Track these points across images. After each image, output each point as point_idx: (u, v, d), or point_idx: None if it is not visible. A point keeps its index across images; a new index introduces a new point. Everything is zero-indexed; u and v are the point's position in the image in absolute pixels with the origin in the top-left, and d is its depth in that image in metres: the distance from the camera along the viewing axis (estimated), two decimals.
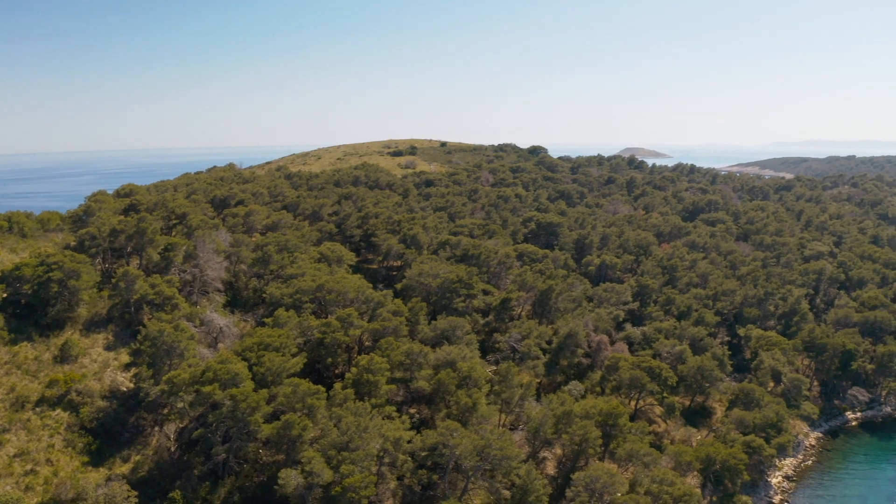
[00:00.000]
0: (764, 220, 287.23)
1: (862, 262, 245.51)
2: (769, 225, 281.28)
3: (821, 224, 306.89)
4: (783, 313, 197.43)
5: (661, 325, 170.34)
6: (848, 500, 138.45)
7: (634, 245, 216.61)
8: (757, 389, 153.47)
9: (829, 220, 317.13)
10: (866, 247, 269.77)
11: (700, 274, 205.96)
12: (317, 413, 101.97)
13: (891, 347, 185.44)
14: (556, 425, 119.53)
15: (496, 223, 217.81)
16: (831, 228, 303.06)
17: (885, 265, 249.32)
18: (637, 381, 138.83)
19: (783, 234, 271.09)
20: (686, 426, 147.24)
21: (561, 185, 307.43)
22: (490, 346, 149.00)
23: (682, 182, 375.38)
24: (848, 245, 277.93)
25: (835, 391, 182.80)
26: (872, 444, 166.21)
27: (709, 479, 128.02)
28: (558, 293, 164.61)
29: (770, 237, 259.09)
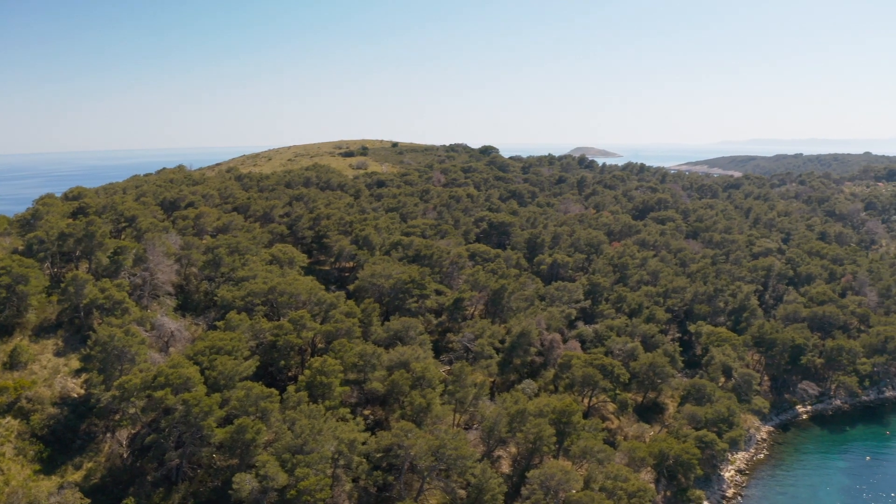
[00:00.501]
0: (713, 218, 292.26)
1: (810, 259, 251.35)
2: (718, 223, 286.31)
3: (769, 221, 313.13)
4: (733, 309, 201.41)
5: (613, 323, 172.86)
6: (800, 491, 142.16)
7: (586, 244, 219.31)
8: (708, 385, 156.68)
9: (778, 217, 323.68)
10: (814, 243, 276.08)
11: (651, 272, 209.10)
12: (270, 416, 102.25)
13: (839, 342, 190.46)
14: (510, 424, 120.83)
15: (448, 223, 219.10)
16: (779, 225, 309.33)
17: (833, 261, 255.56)
18: (590, 379, 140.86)
19: (732, 232, 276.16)
20: (639, 422, 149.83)
21: (512, 184, 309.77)
22: (443, 346, 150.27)
23: (632, 181, 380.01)
24: (796, 242, 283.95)
25: (785, 385, 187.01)
26: (823, 437, 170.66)
27: (662, 474, 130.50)
28: (511, 292, 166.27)
29: (719, 235, 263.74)
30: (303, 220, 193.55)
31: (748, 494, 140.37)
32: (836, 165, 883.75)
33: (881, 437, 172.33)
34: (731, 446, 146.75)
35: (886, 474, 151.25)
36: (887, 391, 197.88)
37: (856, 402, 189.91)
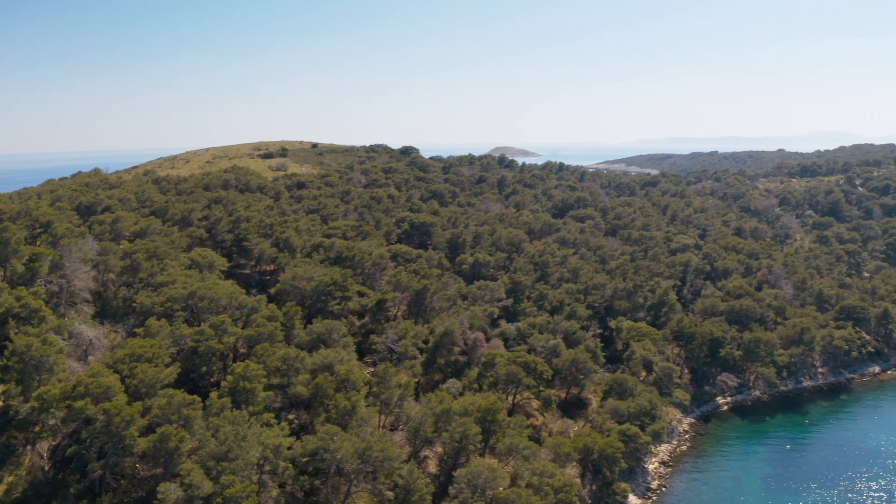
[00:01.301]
0: (631, 216, 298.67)
1: (726, 254, 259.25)
2: (636, 220, 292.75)
3: (686, 218, 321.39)
4: (652, 305, 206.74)
5: (535, 321, 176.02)
6: (723, 481, 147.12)
7: (507, 243, 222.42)
8: (630, 379, 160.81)
9: (694, 213, 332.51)
10: (730, 238, 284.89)
11: (571, 269, 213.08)
12: (193, 424, 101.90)
13: (757, 334, 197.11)
14: (435, 424, 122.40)
15: (369, 224, 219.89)
16: (696, 222, 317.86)
17: (749, 255, 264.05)
18: (513, 377, 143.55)
19: (650, 229, 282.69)
20: (563, 418, 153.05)
21: (433, 184, 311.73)
22: (367, 347, 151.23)
23: (551, 180, 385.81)
24: (712, 237, 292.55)
25: (705, 378, 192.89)
26: (743, 427, 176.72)
27: (588, 468, 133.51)
28: (433, 292, 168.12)
29: (637, 232, 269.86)
30: (222, 223, 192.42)
31: (672, 485, 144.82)
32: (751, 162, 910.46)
33: (800, 425, 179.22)
34: (654, 439, 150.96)
35: (806, 462, 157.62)
36: (805, 381, 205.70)
37: (774, 392, 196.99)
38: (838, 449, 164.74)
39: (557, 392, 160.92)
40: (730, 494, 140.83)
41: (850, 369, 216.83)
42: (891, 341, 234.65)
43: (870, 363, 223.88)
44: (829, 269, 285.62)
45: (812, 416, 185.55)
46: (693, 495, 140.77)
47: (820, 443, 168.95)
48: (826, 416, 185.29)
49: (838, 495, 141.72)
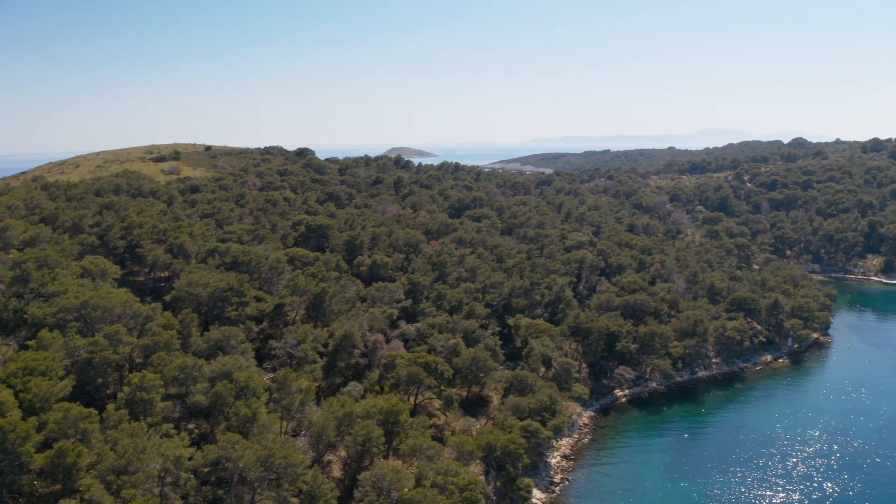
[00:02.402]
0: (527, 214, 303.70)
1: (620, 250, 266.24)
2: (532, 218, 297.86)
3: (580, 215, 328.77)
4: (549, 301, 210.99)
5: (435, 321, 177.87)
6: (624, 471, 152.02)
7: (404, 243, 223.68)
8: (529, 376, 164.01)
9: (588, 211, 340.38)
10: (623, 235, 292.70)
11: (469, 268, 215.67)
12: (91, 437, 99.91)
13: (651, 327, 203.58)
14: (338, 428, 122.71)
15: (266, 228, 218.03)
16: (590, 219, 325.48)
17: (642, 251, 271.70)
18: (414, 377, 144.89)
19: (545, 227, 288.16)
20: (465, 416, 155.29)
21: (329, 186, 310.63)
22: (266, 353, 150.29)
23: (447, 180, 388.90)
24: (606, 234, 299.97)
25: (603, 371, 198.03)
26: (642, 419, 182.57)
27: (491, 465, 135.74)
28: (332, 295, 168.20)
29: (533, 230, 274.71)
30: (114, 229, 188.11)
31: (575, 478, 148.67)
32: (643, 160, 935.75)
33: (697, 414, 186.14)
34: (555, 433, 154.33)
35: (704, 449, 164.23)
36: (699, 371, 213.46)
37: (671, 383, 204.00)
38: (734, 436, 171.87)
39: (459, 391, 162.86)
40: (631, 484, 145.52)
41: (743, 359, 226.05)
42: (781, 331, 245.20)
43: (762, 352, 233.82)
44: (720, 263, 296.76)
45: (708, 405, 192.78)
46: (595, 487, 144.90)
47: (716, 430, 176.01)
48: (721, 405, 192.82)
49: (736, 480, 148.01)
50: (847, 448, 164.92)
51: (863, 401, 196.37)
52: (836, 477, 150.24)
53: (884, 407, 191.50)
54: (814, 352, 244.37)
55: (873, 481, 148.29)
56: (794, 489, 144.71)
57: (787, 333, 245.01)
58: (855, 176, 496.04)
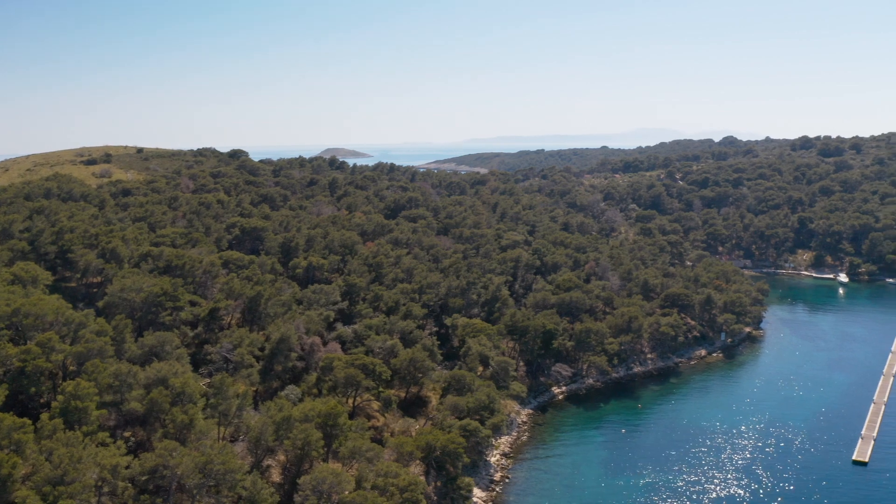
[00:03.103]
0: (462, 214, 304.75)
1: (555, 248, 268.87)
2: (468, 218, 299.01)
3: (515, 215, 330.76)
4: (486, 301, 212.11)
5: (372, 322, 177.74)
6: (563, 467, 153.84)
7: (340, 245, 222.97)
8: (467, 375, 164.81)
9: (523, 210, 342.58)
10: (558, 233, 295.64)
11: (405, 269, 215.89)
12: (25, 448, 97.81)
13: (587, 325, 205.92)
14: (276, 432, 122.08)
15: (199, 231, 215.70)
16: (525, 218, 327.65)
17: (576, 249, 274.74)
18: (352, 379, 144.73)
19: (481, 227, 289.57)
20: (404, 417, 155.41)
21: (263, 188, 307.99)
22: (202, 358, 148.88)
23: (383, 181, 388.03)
24: (541, 233, 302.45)
25: (540, 369, 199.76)
26: (579, 415, 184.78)
27: (431, 465, 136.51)
28: (267, 298, 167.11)
29: (469, 230, 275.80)
30: (45, 234, 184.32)
31: (514, 476, 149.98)
32: (576, 160, 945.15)
33: (633, 410, 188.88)
34: (494, 432, 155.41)
35: (641, 444, 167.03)
36: (635, 367, 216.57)
37: (607, 379, 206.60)
38: (671, 429, 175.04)
39: (397, 392, 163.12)
40: (570, 480, 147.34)
41: (678, 354, 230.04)
42: (714, 326, 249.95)
43: (696, 347, 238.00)
44: (654, 260, 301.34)
45: (644, 400, 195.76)
46: (535, 483, 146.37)
47: (653, 425, 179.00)
48: (657, 400, 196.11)
49: (673, 473, 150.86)
50: (781, 439, 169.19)
51: (795, 392, 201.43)
52: (772, 467, 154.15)
53: (816, 398, 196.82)
54: (747, 345, 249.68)
55: (807, 471, 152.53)
56: (731, 480, 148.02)
57: (720, 328, 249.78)
58: (785, 173, 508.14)
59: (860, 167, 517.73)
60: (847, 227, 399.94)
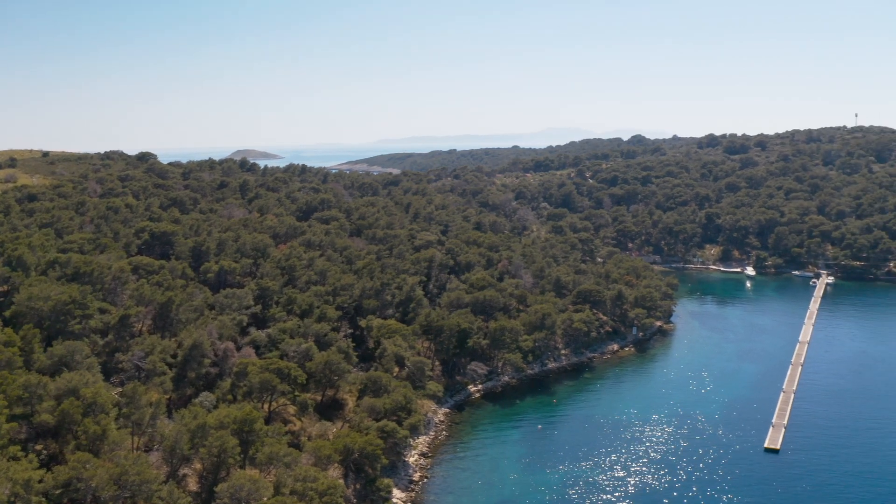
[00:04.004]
0: (375, 215, 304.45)
1: (468, 248, 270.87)
2: (380, 219, 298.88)
3: (428, 215, 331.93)
4: (400, 301, 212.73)
5: (286, 326, 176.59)
6: (481, 465, 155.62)
7: (252, 248, 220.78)
8: (384, 376, 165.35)
9: (436, 210, 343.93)
10: (471, 233, 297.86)
11: (318, 271, 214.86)
12: None
13: (501, 323, 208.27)
14: (192, 440, 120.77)
15: (108, 236, 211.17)
16: (438, 218, 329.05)
17: (489, 248, 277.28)
18: (267, 384, 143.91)
19: (394, 227, 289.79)
20: (321, 421, 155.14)
21: (173, 191, 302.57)
22: (113, 367, 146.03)
23: (294, 183, 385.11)
24: (454, 232, 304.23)
25: (456, 368, 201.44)
26: (496, 412, 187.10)
27: (350, 468, 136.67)
28: (178, 304, 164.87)
29: (382, 231, 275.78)
30: None
31: (434, 475, 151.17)
32: (488, 159, 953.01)
33: (549, 405, 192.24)
34: (412, 432, 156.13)
35: (558, 438, 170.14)
36: (550, 363, 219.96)
37: (522, 376, 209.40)
38: (586, 423, 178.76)
39: (313, 395, 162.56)
40: (489, 477, 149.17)
41: (591, 349, 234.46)
42: (626, 320, 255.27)
43: (608, 342, 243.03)
44: (565, 257, 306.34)
45: (559, 395, 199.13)
46: (454, 482, 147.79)
47: (568, 419, 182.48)
48: (572, 395, 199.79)
49: (590, 466, 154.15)
50: (695, 429, 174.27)
51: (707, 383, 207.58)
52: (686, 457, 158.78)
53: (727, 388, 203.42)
54: (658, 339, 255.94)
55: (721, 459, 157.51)
56: (647, 471, 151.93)
57: (631, 323, 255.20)
58: (692, 170, 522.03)
59: (765, 164, 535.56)
60: (753, 221, 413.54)
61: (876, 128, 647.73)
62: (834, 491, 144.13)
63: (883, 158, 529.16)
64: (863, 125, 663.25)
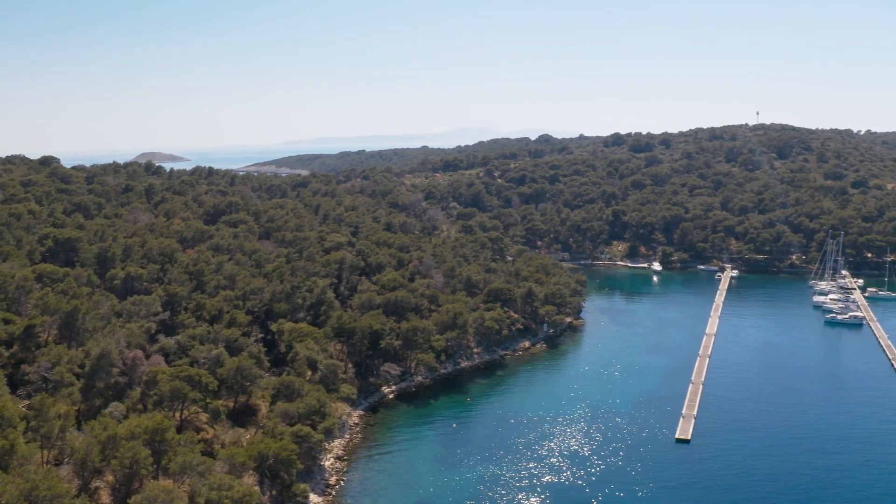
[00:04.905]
0: (284, 218, 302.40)
1: (378, 249, 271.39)
2: (290, 221, 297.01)
3: (338, 216, 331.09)
4: (311, 304, 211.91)
5: (195, 332, 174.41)
6: (397, 466, 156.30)
7: (159, 253, 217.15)
8: (296, 380, 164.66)
9: (346, 212, 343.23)
10: (381, 234, 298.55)
11: (227, 276, 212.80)
12: None
13: (413, 323, 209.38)
14: (103, 452, 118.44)
15: (10, 244, 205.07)
16: (348, 220, 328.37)
17: (400, 249, 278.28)
18: (178, 392, 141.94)
19: (304, 230, 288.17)
20: (234, 428, 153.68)
21: (77, 196, 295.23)
22: (19, 379, 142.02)
23: (201, 185, 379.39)
24: (364, 234, 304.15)
25: (369, 370, 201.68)
26: (410, 413, 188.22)
27: (265, 474, 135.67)
28: (85, 313, 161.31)
29: (291, 233, 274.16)
30: None
31: (350, 478, 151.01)
32: (397, 160, 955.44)
33: (463, 404, 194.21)
34: (326, 436, 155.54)
35: (473, 437, 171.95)
36: (462, 362, 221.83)
37: (436, 375, 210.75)
38: (500, 421, 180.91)
39: (225, 402, 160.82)
40: (405, 478, 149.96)
41: (503, 347, 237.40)
42: (537, 317, 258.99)
43: (520, 339, 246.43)
44: (476, 256, 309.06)
45: (473, 394, 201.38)
46: (371, 485, 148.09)
47: (483, 417, 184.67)
48: (485, 393, 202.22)
49: (506, 463, 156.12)
50: (607, 423, 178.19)
51: (618, 377, 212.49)
52: (600, 451, 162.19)
53: (637, 382, 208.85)
54: (569, 335, 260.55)
55: (634, 452, 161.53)
56: (562, 466, 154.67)
57: (542, 320, 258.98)
58: (598, 169, 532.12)
59: (669, 161, 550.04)
60: (659, 218, 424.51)
61: (777, 125, 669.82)
62: (743, 476, 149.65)
63: (784, 155, 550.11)
64: (764, 123, 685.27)
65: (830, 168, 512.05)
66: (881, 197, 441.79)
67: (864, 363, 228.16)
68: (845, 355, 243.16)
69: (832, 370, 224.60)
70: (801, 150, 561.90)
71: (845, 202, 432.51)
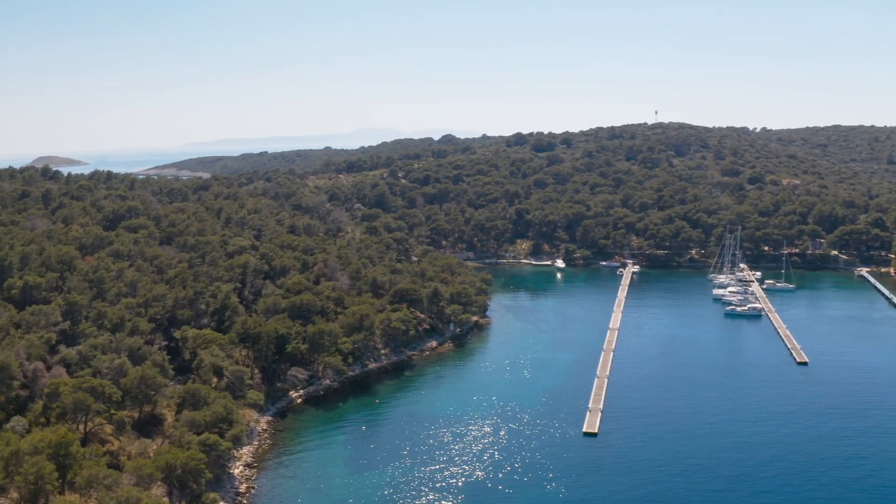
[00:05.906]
0: (186, 222, 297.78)
1: (283, 252, 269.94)
2: (191, 226, 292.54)
3: (241, 220, 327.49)
4: (215, 310, 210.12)
5: (97, 342, 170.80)
6: (308, 471, 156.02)
7: (57, 261, 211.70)
8: (202, 388, 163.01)
9: (248, 214, 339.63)
10: (285, 237, 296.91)
11: (128, 283, 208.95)
12: None
13: (320, 326, 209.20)
14: (5, 468, 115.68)
15: None
16: (251, 223, 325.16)
17: (304, 251, 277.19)
18: (81, 404, 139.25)
19: (206, 234, 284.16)
20: (140, 439, 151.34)
21: None
22: None
23: (100, 190, 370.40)
24: (268, 237, 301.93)
25: (276, 375, 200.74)
26: (319, 416, 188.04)
27: (174, 485, 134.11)
28: None
29: (193, 238, 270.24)
30: None
31: (260, 485, 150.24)
32: (300, 161, 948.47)
33: (372, 406, 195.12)
34: (235, 443, 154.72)
35: (383, 438, 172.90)
36: (370, 364, 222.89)
37: (343, 378, 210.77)
38: (409, 421, 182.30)
39: (130, 413, 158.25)
40: (316, 483, 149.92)
41: (410, 347, 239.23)
42: (443, 317, 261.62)
43: (427, 339, 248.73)
44: (381, 257, 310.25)
45: (381, 395, 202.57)
46: (282, 491, 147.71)
47: (392, 419, 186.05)
48: (394, 394, 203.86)
49: (417, 464, 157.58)
50: (516, 419, 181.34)
51: (525, 374, 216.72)
52: (510, 447, 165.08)
53: (544, 377, 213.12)
54: (475, 334, 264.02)
55: (543, 446, 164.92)
56: (473, 464, 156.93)
57: (448, 319, 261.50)
58: (501, 168, 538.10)
59: (571, 160, 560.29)
60: (561, 216, 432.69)
61: (675, 124, 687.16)
62: (648, 466, 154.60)
63: (682, 153, 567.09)
64: (663, 122, 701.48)
65: (727, 165, 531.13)
66: (777, 192, 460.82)
67: (763, 352, 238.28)
68: (745, 345, 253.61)
69: (732, 360, 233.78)
70: (699, 148, 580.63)
71: (742, 197, 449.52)
